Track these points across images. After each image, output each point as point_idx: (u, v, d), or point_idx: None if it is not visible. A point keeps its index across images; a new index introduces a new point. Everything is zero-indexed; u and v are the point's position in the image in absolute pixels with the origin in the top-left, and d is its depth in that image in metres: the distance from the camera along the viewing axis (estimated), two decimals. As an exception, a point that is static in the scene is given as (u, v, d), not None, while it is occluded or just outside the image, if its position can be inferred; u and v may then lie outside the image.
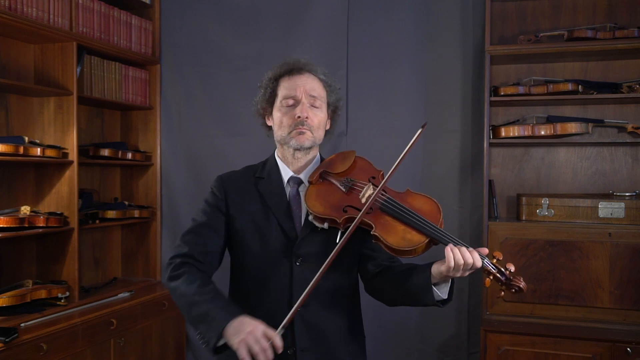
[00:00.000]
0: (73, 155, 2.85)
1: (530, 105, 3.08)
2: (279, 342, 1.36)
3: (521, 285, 1.37)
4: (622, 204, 2.75)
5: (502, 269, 1.39)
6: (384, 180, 1.51)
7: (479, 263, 1.36)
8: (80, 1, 2.92)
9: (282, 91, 1.63)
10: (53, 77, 2.86)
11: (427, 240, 1.41)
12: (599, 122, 2.95)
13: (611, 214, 2.77)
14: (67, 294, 2.79)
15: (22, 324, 2.45)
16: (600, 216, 2.78)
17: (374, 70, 3.20)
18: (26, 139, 2.68)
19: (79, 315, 2.69)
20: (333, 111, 1.71)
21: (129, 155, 3.31)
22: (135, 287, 3.26)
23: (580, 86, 2.88)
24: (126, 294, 3.12)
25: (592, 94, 2.86)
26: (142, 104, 3.47)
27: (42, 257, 2.93)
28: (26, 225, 2.60)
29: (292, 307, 1.54)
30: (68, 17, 2.84)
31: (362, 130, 3.21)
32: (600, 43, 2.79)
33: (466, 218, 3.10)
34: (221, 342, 1.41)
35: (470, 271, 1.38)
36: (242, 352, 1.33)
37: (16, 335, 2.29)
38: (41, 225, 2.66)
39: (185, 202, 3.51)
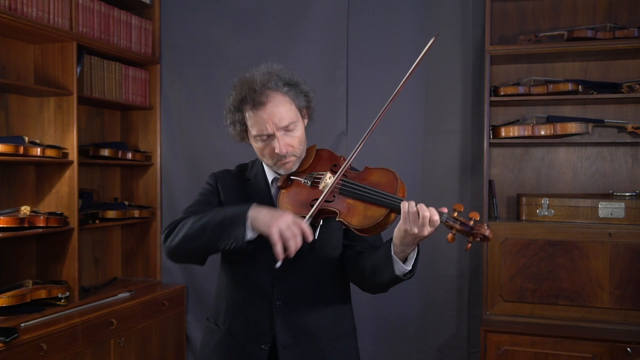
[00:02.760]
0: (73, 155, 2.85)
1: (530, 105, 3.08)
2: (308, 230, 1.37)
3: (486, 233, 1.34)
4: (622, 204, 2.75)
5: (464, 221, 1.36)
6: (342, 167, 1.50)
7: (435, 216, 1.34)
8: (80, 1, 2.92)
9: (251, 126, 1.57)
10: (53, 77, 2.86)
11: (387, 211, 1.40)
12: (599, 122, 2.94)
13: (611, 214, 2.77)
14: (67, 294, 2.79)
15: (22, 324, 2.46)
16: (600, 216, 2.78)
17: (374, 70, 3.19)
18: (26, 139, 2.68)
19: (79, 315, 2.70)
20: (307, 108, 1.65)
21: (129, 155, 3.31)
22: (135, 287, 3.26)
23: (580, 86, 2.87)
24: (126, 294, 3.12)
25: (592, 94, 2.86)
26: (142, 104, 3.47)
27: (42, 257, 2.93)
28: (26, 225, 2.60)
29: (273, 304, 1.56)
30: (68, 17, 2.84)
31: (362, 130, 3.16)
32: (600, 43, 2.79)
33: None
34: (250, 235, 1.41)
35: (430, 229, 1.34)
36: (275, 236, 1.35)
37: (16, 335, 2.29)
38: (41, 225, 2.67)
39: (185, 202, 3.41)
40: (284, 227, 1.36)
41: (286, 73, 1.59)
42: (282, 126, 1.54)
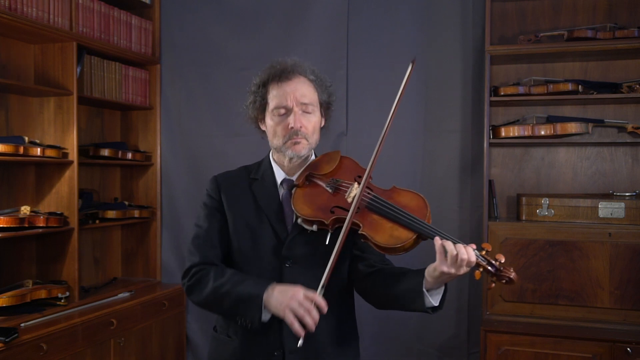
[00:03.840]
0: (73, 155, 2.85)
1: (530, 105, 3.08)
2: (322, 302, 1.39)
3: (512, 276, 1.35)
4: (622, 204, 2.75)
5: (492, 261, 1.37)
6: (364, 179, 1.50)
7: (473, 257, 1.34)
8: (80, 1, 2.92)
9: (272, 100, 1.61)
10: (53, 77, 2.86)
11: (415, 236, 1.40)
12: (599, 122, 2.94)
13: (611, 214, 2.77)
14: (67, 294, 2.79)
15: (22, 324, 2.46)
16: (600, 216, 2.78)
17: (374, 70, 3.19)
18: (26, 139, 2.68)
19: (79, 315, 2.69)
20: (326, 108, 1.68)
21: (129, 155, 3.31)
22: (135, 287, 3.26)
23: (580, 86, 2.87)
24: (126, 294, 3.12)
25: (592, 94, 2.86)
26: (142, 104, 3.47)
27: (42, 257, 2.93)
28: (26, 225, 2.60)
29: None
30: (68, 17, 2.84)
31: (362, 130, 3.21)
32: (600, 43, 2.79)
33: (466, 218, 3.10)
34: (265, 317, 1.45)
35: (466, 269, 1.35)
36: (289, 317, 1.39)
37: (16, 335, 2.29)
38: (41, 225, 2.66)
39: (185, 202, 3.51)
40: (295, 306, 1.39)
41: (316, 69, 1.67)
42: (302, 102, 1.58)
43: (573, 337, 2.64)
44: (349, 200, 1.50)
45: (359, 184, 1.54)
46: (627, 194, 2.91)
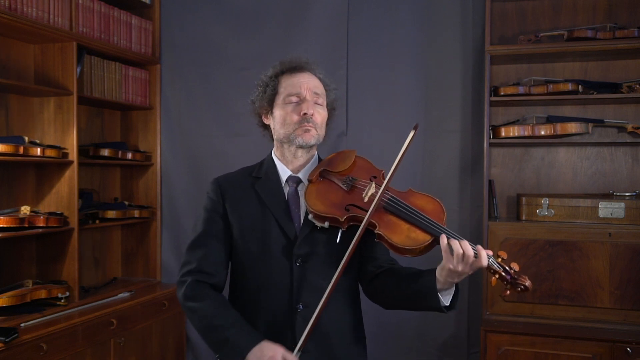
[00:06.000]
0: (73, 155, 2.85)
1: (530, 105, 3.08)
2: None
3: (527, 284, 1.36)
4: (622, 204, 2.75)
5: (507, 268, 1.38)
6: (386, 179, 1.49)
7: (484, 261, 1.35)
8: (80, 1, 2.92)
9: (284, 88, 1.61)
10: (53, 77, 2.86)
11: (432, 239, 1.40)
12: (599, 122, 2.95)
13: (611, 214, 2.77)
14: (67, 294, 2.79)
15: (22, 324, 2.46)
16: (600, 216, 2.78)
17: (374, 70, 3.20)
18: (26, 139, 2.68)
19: (79, 315, 2.70)
20: (330, 110, 1.69)
21: (129, 155, 3.31)
22: (135, 287, 3.26)
23: (580, 86, 2.88)
24: (126, 294, 3.12)
25: (592, 94, 2.86)
26: (142, 104, 3.47)
27: (42, 257, 2.93)
28: (26, 225, 2.60)
29: (293, 308, 1.54)
30: (68, 17, 2.84)
31: (362, 130, 3.21)
32: (600, 43, 2.79)
33: (466, 218, 3.10)
34: None
35: (474, 268, 1.35)
36: None
37: (16, 335, 2.29)
38: (41, 225, 2.66)
39: (185, 202, 3.51)
40: None
41: (323, 71, 1.70)
42: (314, 92, 1.60)
43: (573, 337, 2.64)
44: (366, 199, 1.49)
45: (375, 183, 1.53)
46: (627, 194, 2.91)
